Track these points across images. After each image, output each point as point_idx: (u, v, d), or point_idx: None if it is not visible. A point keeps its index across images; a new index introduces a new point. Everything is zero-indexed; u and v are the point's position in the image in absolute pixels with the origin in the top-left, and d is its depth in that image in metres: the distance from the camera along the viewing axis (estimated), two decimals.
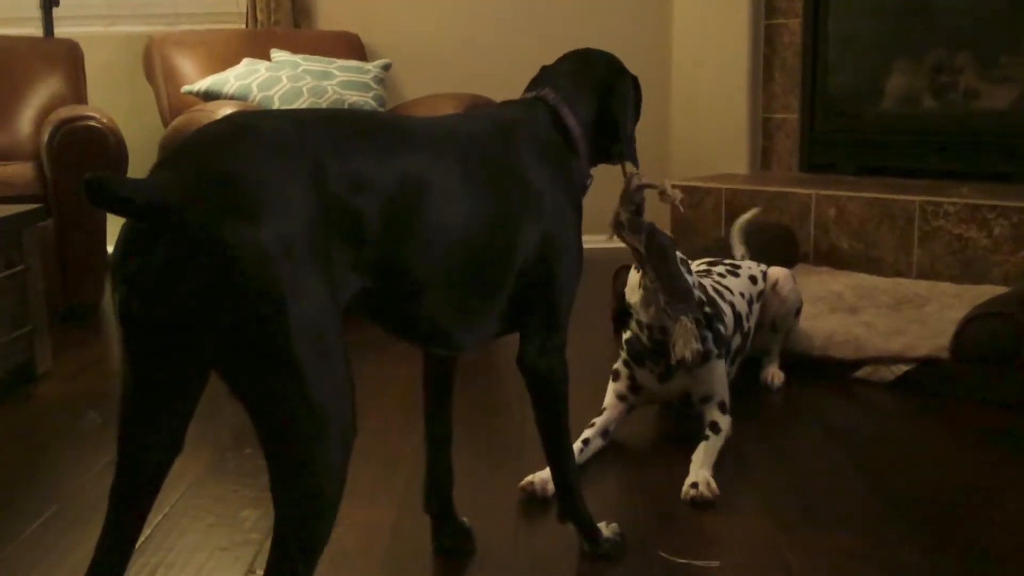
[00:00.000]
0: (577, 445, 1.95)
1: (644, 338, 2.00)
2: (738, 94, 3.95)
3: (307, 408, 1.03)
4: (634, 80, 1.61)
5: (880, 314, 2.70)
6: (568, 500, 1.56)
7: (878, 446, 2.07)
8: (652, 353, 2.01)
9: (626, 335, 2.06)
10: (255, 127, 1.10)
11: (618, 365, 2.10)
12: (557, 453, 1.52)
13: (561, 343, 1.47)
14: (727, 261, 2.44)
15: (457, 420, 1.63)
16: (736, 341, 2.22)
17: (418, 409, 2.31)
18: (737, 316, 2.23)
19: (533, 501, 1.78)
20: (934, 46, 3.58)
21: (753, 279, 2.39)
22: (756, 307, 2.36)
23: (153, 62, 3.86)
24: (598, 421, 2.05)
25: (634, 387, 2.08)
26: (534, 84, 1.57)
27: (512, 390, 2.20)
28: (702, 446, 1.94)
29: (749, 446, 2.06)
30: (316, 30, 4.26)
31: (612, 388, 2.10)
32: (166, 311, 1.02)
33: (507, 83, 4.20)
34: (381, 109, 3.77)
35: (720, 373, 2.06)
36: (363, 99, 3.69)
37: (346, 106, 3.59)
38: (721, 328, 2.09)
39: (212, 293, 1.00)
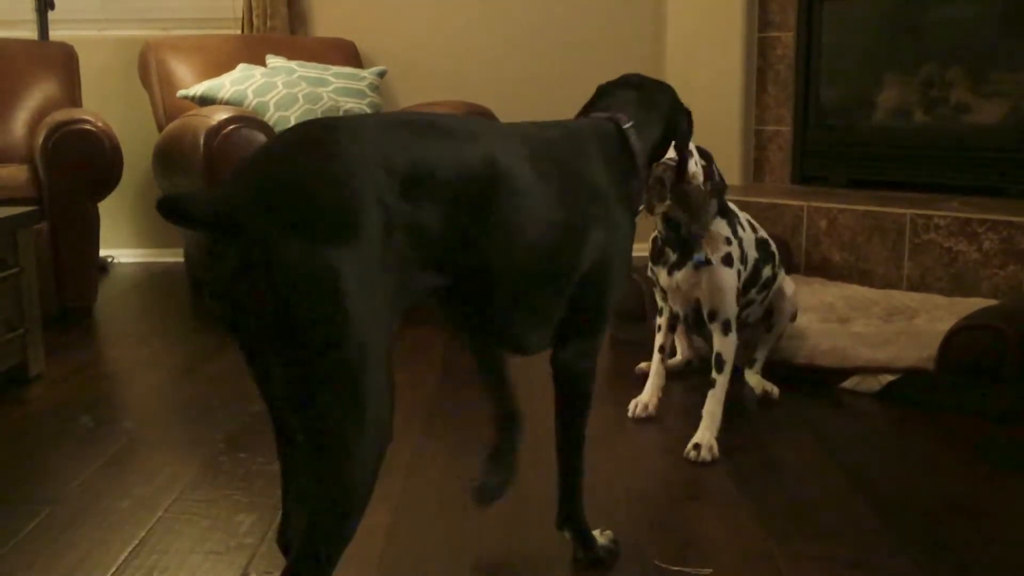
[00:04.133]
0: (656, 357, 2.32)
1: (660, 231, 2.21)
2: (731, 105, 3.98)
3: (352, 412, 1.08)
4: (688, 115, 1.69)
5: (869, 325, 2.72)
6: (570, 504, 1.58)
7: (867, 456, 2.09)
8: (667, 241, 2.20)
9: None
10: (320, 137, 1.12)
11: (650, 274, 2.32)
12: (571, 454, 1.55)
13: (598, 347, 1.51)
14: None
15: (452, 427, 1.64)
16: (766, 273, 2.33)
17: (412, 415, 2.31)
18: (770, 256, 2.35)
19: (524, 504, 1.79)
20: (925, 60, 3.61)
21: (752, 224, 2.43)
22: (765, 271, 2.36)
23: (149, 66, 3.86)
24: (661, 323, 2.35)
25: (662, 291, 2.32)
26: (600, 105, 1.62)
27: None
28: (709, 397, 2.13)
29: (741, 455, 2.07)
30: (312, 37, 4.28)
31: (657, 295, 2.37)
32: (236, 312, 1.08)
33: (502, 91, 4.25)
34: None
35: (728, 285, 2.16)
36: (359, 106, 3.70)
37: (341, 112, 3.60)
38: (740, 231, 2.23)
39: (271, 303, 1.04)
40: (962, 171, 3.45)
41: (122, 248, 4.40)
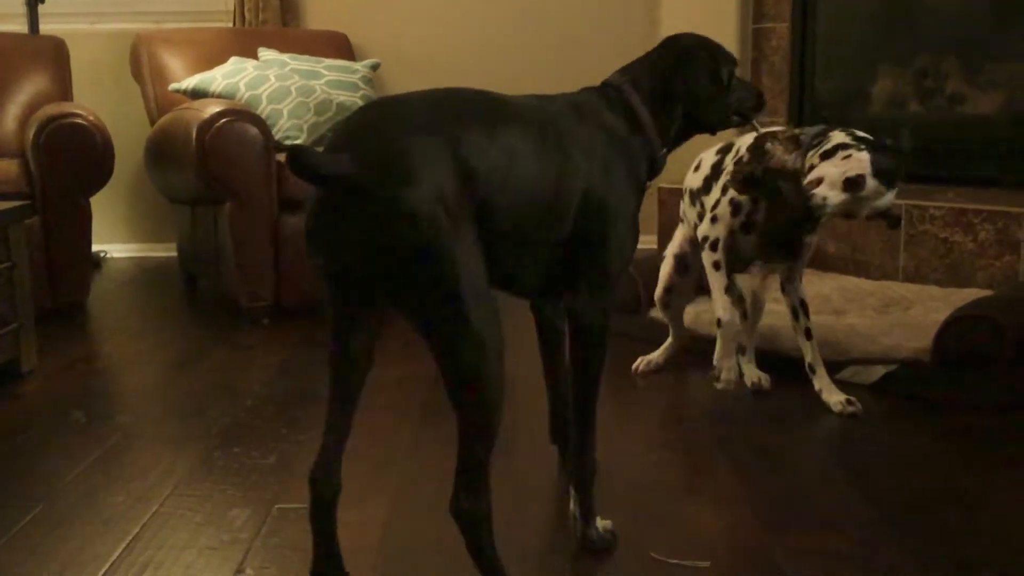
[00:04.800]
0: (723, 300, 2.23)
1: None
2: None
3: (472, 335, 1.28)
4: (714, 50, 1.72)
5: (864, 316, 2.72)
6: (581, 459, 1.62)
7: (864, 448, 2.08)
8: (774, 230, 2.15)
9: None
10: (397, 112, 1.34)
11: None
12: (584, 405, 1.61)
13: (606, 301, 1.59)
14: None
15: (447, 418, 1.64)
16: None
17: (408, 411, 2.31)
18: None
19: (523, 496, 1.78)
20: (920, 51, 3.60)
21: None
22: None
23: (140, 60, 3.84)
24: (721, 262, 2.24)
25: (744, 257, 2.27)
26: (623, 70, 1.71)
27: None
28: (807, 348, 2.28)
29: (738, 447, 2.07)
30: (304, 29, 4.25)
31: (717, 241, 2.26)
32: (359, 266, 1.29)
33: (495, 82, 4.19)
34: None
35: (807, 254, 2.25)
36: (351, 99, 3.68)
37: (334, 105, 3.58)
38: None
39: (393, 246, 1.24)
40: (957, 162, 3.44)
41: (115, 243, 4.38)
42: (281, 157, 3.06)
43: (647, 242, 3.32)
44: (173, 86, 3.63)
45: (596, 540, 1.61)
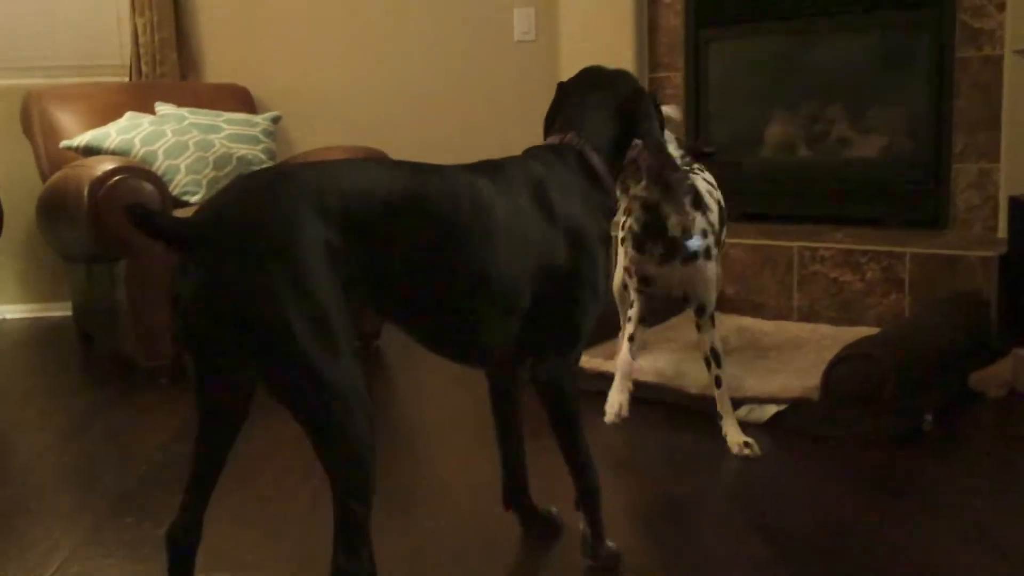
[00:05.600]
0: (625, 346, 2.38)
1: (638, 216, 2.22)
2: None
3: (324, 396, 1.27)
4: (652, 97, 1.77)
5: (760, 355, 2.79)
6: (590, 504, 1.70)
7: (759, 487, 2.13)
8: (646, 232, 2.23)
9: (622, 231, 2.33)
10: (267, 182, 1.33)
11: (626, 263, 2.35)
12: (576, 462, 1.68)
13: (572, 364, 1.65)
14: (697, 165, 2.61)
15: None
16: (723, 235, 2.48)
17: (304, 472, 2.27)
18: (721, 209, 2.46)
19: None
20: (808, 98, 3.76)
21: (711, 184, 2.54)
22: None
23: (31, 116, 3.75)
24: (632, 315, 2.39)
25: (644, 278, 2.33)
26: (558, 121, 1.72)
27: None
28: (719, 396, 2.33)
29: (636, 494, 2.09)
30: (203, 83, 4.21)
31: (630, 285, 2.39)
32: (201, 329, 1.29)
33: (397, 135, 4.24)
34: (270, 162, 3.74)
35: (711, 277, 2.29)
36: (252, 152, 3.66)
37: (234, 159, 3.55)
38: (711, 217, 2.31)
39: (220, 312, 1.25)
40: (845, 203, 3.58)
41: (8, 304, 4.23)
42: (179, 212, 3.02)
43: None
44: (64, 143, 3.54)
45: (606, 561, 1.69)
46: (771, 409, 2.45)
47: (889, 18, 3.44)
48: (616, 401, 2.35)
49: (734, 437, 2.29)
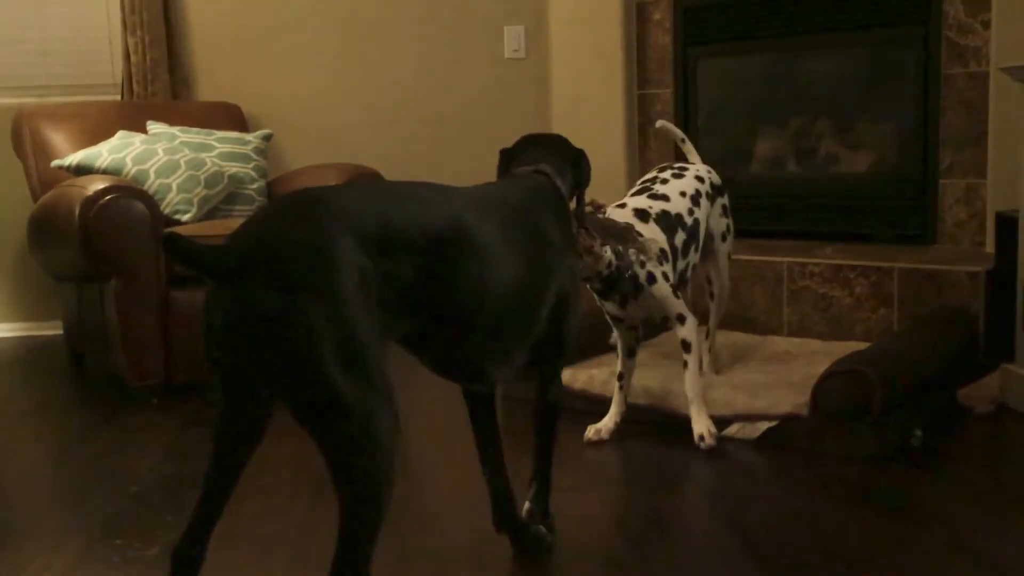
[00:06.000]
0: (616, 385, 2.58)
1: (594, 283, 2.43)
2: (615, 161, 4.08)
3: (352, 430, 1.27)
4: (585, 156, 1.96)
5: (750, 371, 2.80)
6: (542, 492, 1.88)
7: (747, 504, 2.13)
8: (604, 291, 2.45)
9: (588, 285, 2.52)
10: (304, 208, 1.32)
11: (600, 306, 2.55)
12: (545, 457, 1.86)
13: (559, 373, 1.82)
14: (678, 164, 2.83)
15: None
16: (680, 238, 2.57)
17: (298, 489, 2.27)
18: (674, 220, 2.58)
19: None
20: (797, 114, 3.78)
21: (699, 179, 2.74)
22: (704, 202, 2.70)
23: (22, 135, 3.75)
24: (619, 349, 2.58)
25: (615, 317, 2.55)
26: (521, 160, 1.89)
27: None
28: (687, 379, 2.48)
29: (623, 509, 2.09)
30: (195, 101, 4.23)
31: (609, 321, 2.60)
32: (232, 355, 1.30)
33: (389, 152, 4.26)
34: (262, 180, 3.75)
35: (664, 293, 2.45)
36: (244, 170, 3.67)
37: (226, 178, 3.56)
38: (643, 259, 2.43)
39: (261, 345, 1.25)
40: (834, 219, 3.60)
41: None
42: (176, 230, 3.02)
43: None
44: (56, 162, 3.55)
45: (543, 537, 1.83)
46: (762, 426, 2.46)
47: (876, 36, 3.47)
48: (603, 426, 2.57)
49: (696, 427, 2.45)
